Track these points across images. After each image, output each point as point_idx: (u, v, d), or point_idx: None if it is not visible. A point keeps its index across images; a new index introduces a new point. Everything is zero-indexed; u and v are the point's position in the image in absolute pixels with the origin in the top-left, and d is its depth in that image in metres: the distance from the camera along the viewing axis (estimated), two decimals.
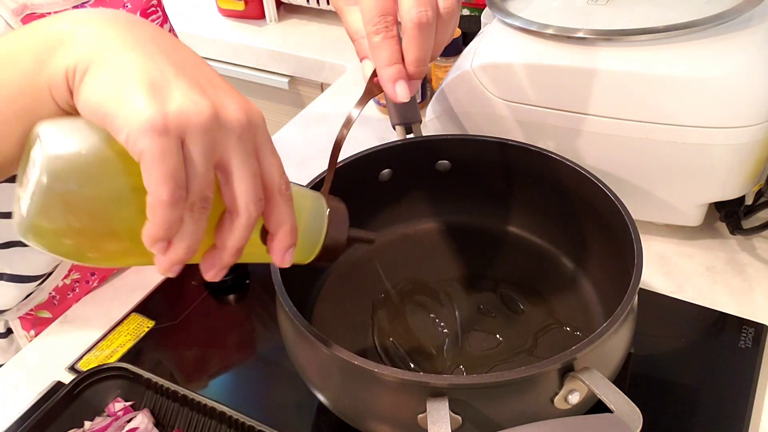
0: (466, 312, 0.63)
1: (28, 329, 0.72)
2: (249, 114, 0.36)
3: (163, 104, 0.32)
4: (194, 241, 0.34)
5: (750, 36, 0.63)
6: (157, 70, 0.34)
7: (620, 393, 0.43)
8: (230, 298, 0.71)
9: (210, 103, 0.34)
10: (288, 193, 0.38)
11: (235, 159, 0.35)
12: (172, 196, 0.32)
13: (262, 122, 0.37)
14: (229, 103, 0.35)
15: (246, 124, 0.35)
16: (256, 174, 0.36)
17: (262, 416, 0.55)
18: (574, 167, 0.61)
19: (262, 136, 0.36)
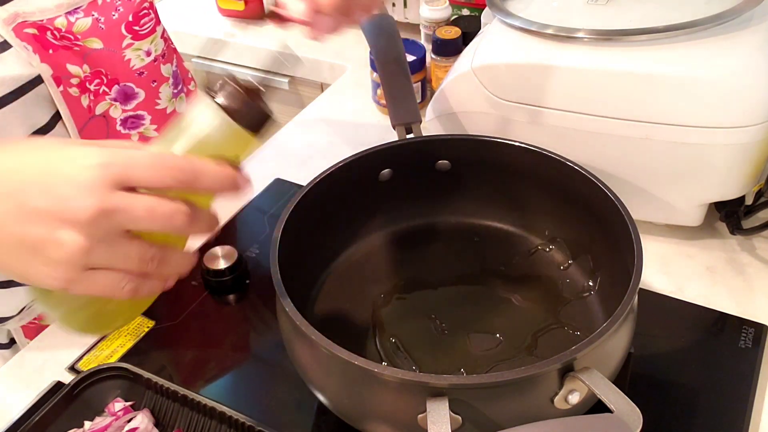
0: (466, 312, 0.63)
1: (31, 337, 0.71)
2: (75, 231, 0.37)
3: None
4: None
5: (750, 36, 0.64)
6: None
7: (620, 393, 0.43)
8: (230, 298, 0.71)
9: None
10: (152, 265, 0.41)
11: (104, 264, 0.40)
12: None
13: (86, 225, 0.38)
14: (59, 236, 0.37)
15: (76, 246, 0.37)
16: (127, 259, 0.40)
17: (262, 416, 0.55)
18: (574, 167, 0.61)
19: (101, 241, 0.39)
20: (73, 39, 0.63)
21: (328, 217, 0.65)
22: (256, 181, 0.87)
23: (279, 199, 0.83)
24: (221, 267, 0.70)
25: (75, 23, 0.63)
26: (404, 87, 0.70)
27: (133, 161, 0.38)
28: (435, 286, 0.66)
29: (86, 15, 0.64)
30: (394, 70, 0.71)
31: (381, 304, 0.65)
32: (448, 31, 0.93)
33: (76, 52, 0.63)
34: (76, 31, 0.63)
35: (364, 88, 1.05)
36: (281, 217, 0.58)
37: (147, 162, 0.38)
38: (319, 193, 0.62)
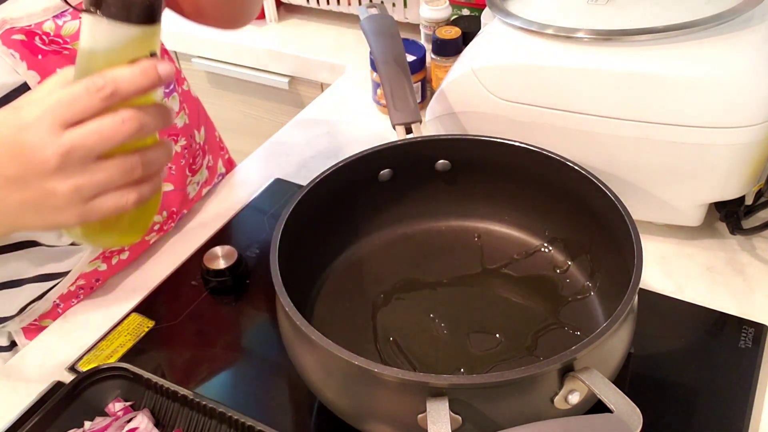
0: (466, 311, 0.63)
1: (32, 339, 0.71)
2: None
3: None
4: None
5: (750, 36, 0.64)
6: None
7: (620, 393, 0.43)
8: (230, 298, 0.71)
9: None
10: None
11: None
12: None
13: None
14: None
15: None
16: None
17: (262, 416, 0.55)
18: (574, 167, 0.61)
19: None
20: (62, 43, 0.63)
21: (328, 217, 0.65)
22: (256, 181, 0.87)
23: (279, 199, 0.83)
24: (221, 267, 0.70)
25: (63, 26, 0.63)
26: (404, 87, 0.70)
27: (63, 101, 0.42)
28: (435, 286, 0.66)
29: (74, 18, 0.63)
30: (394, 70, 0.71)
31: (381, 304, 0.65)
32: (448, 31, 0.93)
33: (65, 56, 0.63)
34: (65, 35, 0.63)
35: (364, 88, 1.05)
36: (281, 217, 0.58)
37: (74, 96, 0.42)
38: (319, 193, 0.62)
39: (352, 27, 1.27)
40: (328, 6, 1.25)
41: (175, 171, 0.78)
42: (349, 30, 1.26)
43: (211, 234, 0.79)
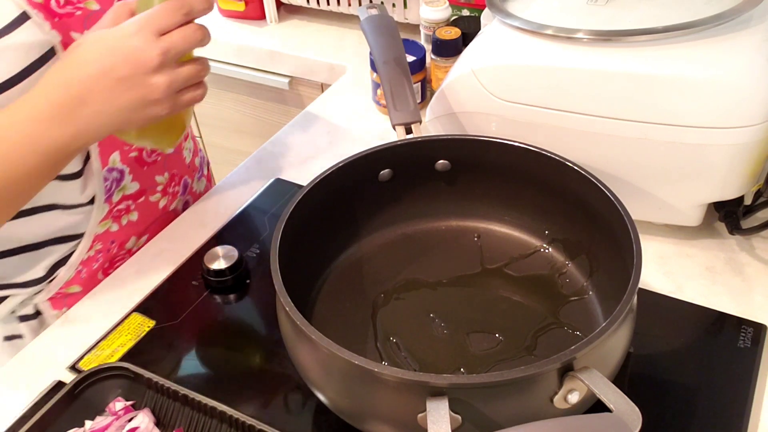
0: (466, 311, 0.63)
1: (59, 308, 0.76)
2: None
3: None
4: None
5: (750, 36, 0.64)
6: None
7: (620, 392, 0.43)
8: (230, 297, 0.71)
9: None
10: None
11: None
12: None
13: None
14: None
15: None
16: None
17: (262, 416, 0.56)
18: (574, 167, 0.61)
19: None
20: (76, 2, 0.65)
21: (328, 217, 0.65)
22: (256, 181, 0.87)
23: (279, 199, 0.83)
24: (221, 267, 0.70)
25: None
26: (404, 87, 0.71)
27: (156, 16, 0.55)
28: (435, 286, 0.66)
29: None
30: (394, 70, 0.72)
31: (381, 304, 0.65)
32: (447, 31, 0.94)
33: (77, 18, 0.65)
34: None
35: (364, 88, 1.05)
36: (281, 217, 0.58)
37: (164, 12, 0.55)
38: (319, 193, 0.62)
39: (352, 27, 1.27)
40: (329, 6, 1.25)
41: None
42: (349, 30, 1.26)
43: (211, 234, 0.79)
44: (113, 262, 0.80)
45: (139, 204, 0.80)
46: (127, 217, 0.79)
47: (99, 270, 0.78)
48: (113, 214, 0.77)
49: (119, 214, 0.78)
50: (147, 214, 0.81)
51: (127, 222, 0.79)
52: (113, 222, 0.77)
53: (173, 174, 0.84)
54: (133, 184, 0.78)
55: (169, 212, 0.85)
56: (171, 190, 0.84)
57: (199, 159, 0.93)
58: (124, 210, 0.78)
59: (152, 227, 0.83)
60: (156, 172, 0.81)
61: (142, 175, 0.79)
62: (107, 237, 0.77)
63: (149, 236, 0.82)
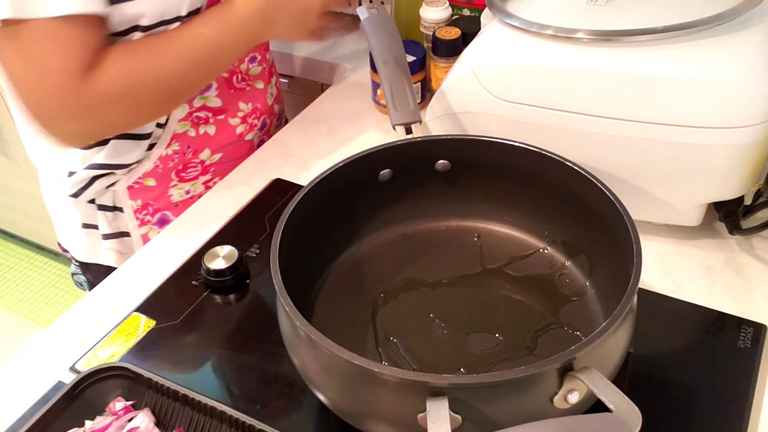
0: (466, 311, 0.63)
1: (135, 199, 0.87)
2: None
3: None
4: None
5: (750, 36, 0.64)
6: None
7: (619, 392, 0.43)
8: (230, 298, 0.71)
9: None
10: None
11: None
12: None
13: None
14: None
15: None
16: None
17: (262, 416, 0.56)
18: (574, 167, 0.61)
19: None
20: None
21: (329, 217, 0.65)
22: (256, 181, 0.87)
23: (279, 199, 0.83)
24: (221, 267, 0.70)
25: None
26: (404, 87, 0.71)
27: None
28: (435, 286, 0.66)
29: None
30: (394, 70, 0.72)
31: (381, 304, 0.65)
32: (447, 31, 0.94)
33: None
34: None
35: (364, 88, 1.05)
36: (281, 217, 0.58)
37: None
38: (319, 193, 0.62)
39: None
40: None
41: (266, 72, 0.95)
42: None
43: (211, 234, 0.79)
44: (186, 167, 0.88)
45: (218, 120, 0.88)
46: (205, 127, 0.87)
47: (173, 170, 0.87)
48: (192, 119, 0.85)
49: (198, 121, 0.86)
50: (224, 133, 0.89)
51: (204, 133, 0.88)
52: (191, 126, 0.86)
53: (256, 107, 0.93)
54: (217, 100, 0.87)
55: (245, 141, 0.93)
56: (250, 120, 0.92)
57: (280, 107, 1.02)
58: (203, 120, 0.87)
59: (228, 149, 0.91)
60: (241, 98, 0.90)
61: (227, 96, 0.88)
62: (184, 139, 0.86)
63: (223, 156, 0.91)
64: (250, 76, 0.92)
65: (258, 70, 0.93)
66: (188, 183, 0.90)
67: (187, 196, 0.91)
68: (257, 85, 0.93)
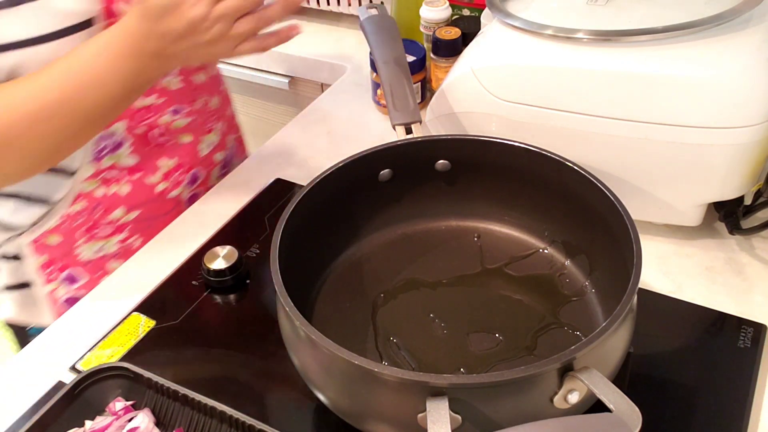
0: (466, 311, 0.63)
1: (41, 254, 0.79)
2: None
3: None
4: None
5: (750, 36, 0.64)
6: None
7: (619, 392, 0.43)
8: (230, 298, 0.71)
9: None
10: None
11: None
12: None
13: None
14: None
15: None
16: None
17: (262, 416, 0.56)
18: (574, 167, 0.61)
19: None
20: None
21: (328, 217, 0.65)
22: (256, 181, 0.87)
23: (279, 199, 0.83)
24: (221, 267, 0.70)
25: None
26: (404, 87, 0.71)
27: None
28: (435, 286, 0.66)
29: None
30: (394, 70, 0.72)
31: (381, 304, 0.65)
32: (447, 31, 0.94)
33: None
34: None
35: (364, 88, 1.05)
36: (281, 217, 0.58)
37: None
38: (319, 193, 0.62)
39: (352, 27, 1.27)
40: (328, 6, 1.25)
41: (194, 125, 0.84)
42: (349, 30, 1.26)
43: (211, 234, 0.79)
44: (96, 225, 0.80)
45: (132, 179, 0.80)
46: (117, 187, 0.80)
47: (79, 228, 0.79)
48: (102, 178, 0.78)
49: (108, 180, 0.79)
50: (140, 192, 0.81)
51: (115, 192, 0.80)
52: (101, 185, 0.78)
53: (181, 162, 0.84)
54: (131, 158, 0.79)
55: (168, 199, 0.84)
56: (173, 177, 0.84)
57: (227, 155, 0.93)
58: (115, 179, 0.79)
59: (146, 208, 0.82)
60: (162, 154, 0.82)
61: (144, 154, 0.80)
62: (93, 199, 0.79)
63: (141, 214, 0.82)
64: (173, 129, 0.82)
65: (183, 122, 0.83)
66: (99, 242, 0.82)
67: (99, 255, 0.83)
68: (183, 140, 0.84)
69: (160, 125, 0.81)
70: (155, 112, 0.80)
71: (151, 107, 0.79)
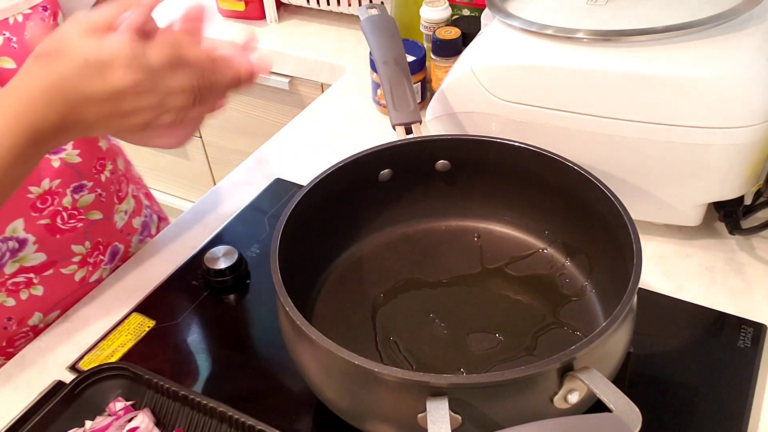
0: (466, 311, 0.63)
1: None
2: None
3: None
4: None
5: (749, 36, 0.64)
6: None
7: (620, 392, 0.43)
8: (230, 298, 0.71)
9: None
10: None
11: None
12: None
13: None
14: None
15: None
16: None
17: (262, 416, 0.56)
18: (574, 167, 0.61)
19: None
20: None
21: (328, 217, 0.65)
22: (256, 181, 0.87)
23: (279, 199, 0.83)
24: (221, 267, 0.70)
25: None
26: (404, 87, 0.71)
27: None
28: (435, 286, 0.66)
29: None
30: (394, 70, 0.72)
31: (381, 303, 0.65)
32: (447, 31, 0.94)
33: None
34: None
35: (364, 88, 1.05)
36: (281, 217, 0.58)
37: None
38: (319, 193, 0.62)
39: (352, 27, 1.27)
40: (329, 6, 1.25)
41: (104, 198, 0.75)
42: (350, 30, 1.26)
43: (211, 234, 0.79)
44: (12, 341, 0.72)
45: (45, 277, 0.71)
46: (28, 291, 0.70)
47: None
48: (7, 287, 0.69)
49: (16, 287, 0.69)
50: (57, 287, 0.73)
51: (29, 296, 0.71)
52: (8, 296, 0.69)
53: (97, 243, 0.75)
54: (38, 255, 0.69)
55: (89, 284, 0.76)
56: (92, 260, 0.75)
57: (144, 218, 0.84)
58: (24, 283, 0.70)
59: (66, 302, 0.73)
60: (73, 240, 0.72)
61: (53, 245, 0.70)
62: (1, 313, 0.69)
63: (62, 311, 0.73)
64: (80, 209, 0.72)
65: (90, 198, 0.72)
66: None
67: None
68: (92, 217, 0.73)
69: (66, 207, 0.70)
70: (55, 196, 0.69)
71: (48, 192, 0.68)
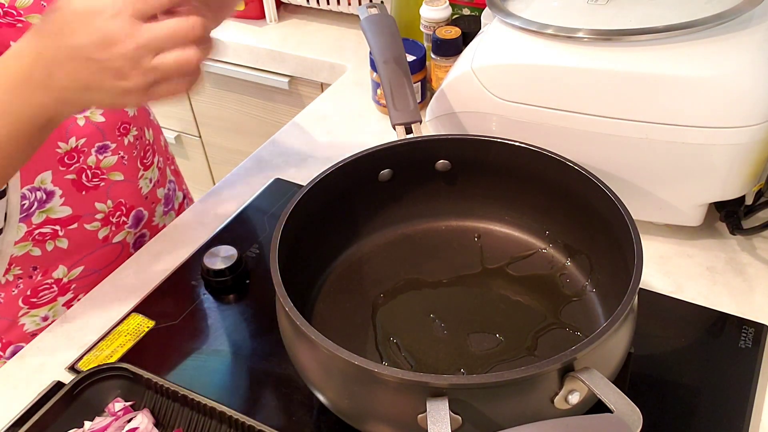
0: (466, 311, 0.63)
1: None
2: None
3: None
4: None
5: (750, 36, 0.64)
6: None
7: (620, 393, 0.43)
8: (230, 298, 0.71)
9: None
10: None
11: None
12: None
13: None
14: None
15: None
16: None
17: (262, 416, 0.56)
18: (574, 167, 0.61)
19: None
20: (16, 15, 0.63)
21: (328, 217, 0.65)
22: (256, 181, 0.87)
23: (279, 199, 0.83)
24: (221, 267, 0.70)
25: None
26: (404, 87, 0.71)
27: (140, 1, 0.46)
28: (435, 286, 0.66)
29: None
30: (394, 70, 0.72)
31: (381, 304, 0.65)
32: (448, 31, 0.93)
33: (18, 30, 0.62)
34: (19, 6, 0.63)
35: (364, 88, 1.05)
36: (281, 217, 0.58)
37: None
38: (319, 194, 0.62)
39: (352, 27, 1.27)
40: (328, 6, 1.25)
41: (127, 161, 0.77)
42: (349, 30, 1.26)
43: (211, 234, 0.79)
44: (37, 291, 0.74)
45: (70, 231, 0.73)
46: (54, 242, 0.73)
47: (19, 297, 0.73)
48: (34, 237, 0.71)
49: (42, 238, 0.72)
50: (81, 243, 0.75)
51: (54, 248, 0.73)
52: (34, 246, 0.71)
53: (119, 203, 0.77)
54: (64, 208, 0.72)
55: (113, 244, 0.78)
56: (114, 219, 0.77)
57: (168, 191, 0.87)
58: (50, 234, 0.72)
59: (90, 259, 0.76)
60: (96, 198, 0.75)
61: (78, 200, 0.73)
62: (27, 261, 0.72)
63: (86, 268, 0.76)
64: (103, 169, 0.75)
65: (113, 160, 0.76)
66: (43, 308, 0.76)
67: (45, 323, 0.76)
68: (114, 178, 0.76)
69: (90, 166, 0.73)
70: (80, 154, 0.72)
71: (75, 150, 0.72)
